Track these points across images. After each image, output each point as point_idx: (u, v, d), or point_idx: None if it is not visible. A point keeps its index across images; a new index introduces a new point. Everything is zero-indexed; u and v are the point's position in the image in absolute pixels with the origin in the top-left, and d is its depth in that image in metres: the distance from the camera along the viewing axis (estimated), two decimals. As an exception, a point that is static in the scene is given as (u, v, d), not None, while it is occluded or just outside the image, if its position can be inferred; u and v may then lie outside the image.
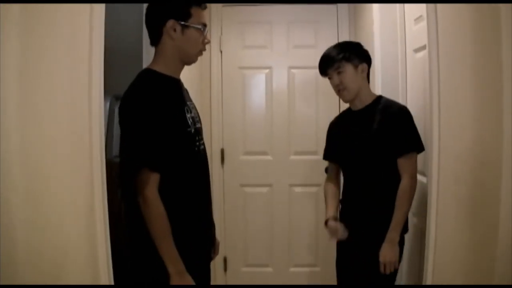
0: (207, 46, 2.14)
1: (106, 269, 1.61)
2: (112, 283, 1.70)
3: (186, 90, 2.24)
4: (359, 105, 2.56)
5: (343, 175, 2.74)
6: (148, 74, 2.05)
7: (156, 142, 1.90)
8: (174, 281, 1.89)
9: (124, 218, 2.09)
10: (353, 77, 2.49)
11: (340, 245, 2.66)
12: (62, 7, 1.37)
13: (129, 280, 2.03)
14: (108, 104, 2.98)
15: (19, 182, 1.17)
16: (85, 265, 1.50)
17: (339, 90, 2.52)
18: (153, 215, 1.88)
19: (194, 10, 2.02)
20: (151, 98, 1.92)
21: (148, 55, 2.68)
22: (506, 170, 1.56)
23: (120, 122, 1.99)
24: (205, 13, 2.12)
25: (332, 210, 2.67)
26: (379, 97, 2.59)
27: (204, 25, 2.06)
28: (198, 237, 2.09)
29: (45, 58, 1.30)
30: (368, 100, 2.56)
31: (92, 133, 1.50)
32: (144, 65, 2.63)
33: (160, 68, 2.04)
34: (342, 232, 2.55)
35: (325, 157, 2.86)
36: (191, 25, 2.01)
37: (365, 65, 2.52)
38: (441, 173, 1.87)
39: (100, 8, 1.57)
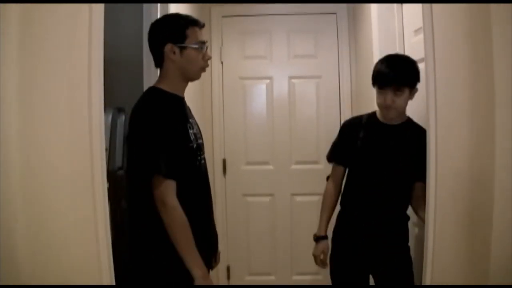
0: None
1: (109, 279, 1.62)
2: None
3: (189, 108, 2.33)
4: (394, 121, 2.50)
5: (354, 183, 2.63)
6: (154, 92, 2.15)
7: (167, 153, 1.99)
8: (199, 283, 1.97)
9: (128, 226, 2.16)
10: (406, 100, 2.42)
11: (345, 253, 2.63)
12: (60, 14, 1.38)
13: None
14: (110, 116, 3.01)
15: (20, 209, 1.17)
16: (89, 282, 1.51)
17: (387, 107, 2.41)
18: (176, 222, 1.96)
19: (189, 31, 2.12)
20: (158, 114, 2.02)
21: (148, 67, 2.71)
22: (499, 187, 1.59)
23: (129, 138, 2.09)
24: (203, 30, 2.20)
25: (326, 227, 2.70)
26: (408, 117, 2.55)
27: (202, 43, 2.15)
28: (197, 246, 2.11)
29: (44, 67, 1.30)
30: (404, 118, 2.51)
31: (92, 149, 1.50)
32: (145, 78, 2.68)
33: (164, 87, 2.14)
34: (325, 260, 2.66)
35: (337, 159, 2.72)
36: (188, 45, 2.10)
37: (417, 89, 2.43)
38: (438, 189, 1.88)
39: (99, 12, 1.57)
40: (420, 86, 2.45)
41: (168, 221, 1.95)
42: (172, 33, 2.11)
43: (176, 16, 2.20)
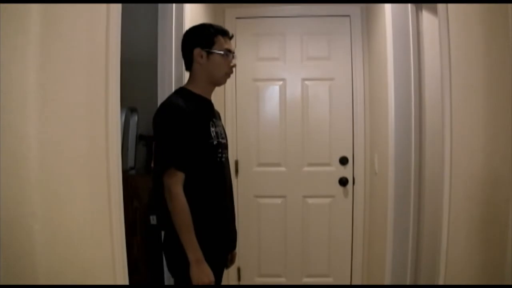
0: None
1: (123, 281, 1.62)
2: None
3: (218, 113, 2.60)
4: None
5: None
6: (180, 91, 2.38)
7: (181, 147, 2.18)
8: (193, 268, 2.12)
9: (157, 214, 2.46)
10: None
11: None
12: (78, 14, 1.38)
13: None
14: (123, 116, 3.01)
15: (38, 207, 1.18)
16: (104, 281, 1.51)
17: None
18: (177, 208, 2.13)
19: (217, 39, 2.36)
20: (180, 111, 2.20)
21: (162, 67, 2.73)
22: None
23: (154, 131, 2.27)
24: (231, 41, 2.44)
25: None
26: None
27: (228, 51, 2.37)
28: (212, 237, 2.27)
29: (63, 66, 1.30)
30: None
31: (109, 150, 1.51)
32: (159, 79, 2.71)
33: (192, 88, 2.38)
34: None
35: None
36: (214, 51, 2.34)
37: None
38: (452, 191, 1.87)
39: (117, 12, 1.58)
40: (436, 86, 2.44)
41: (172, 207, 2.14)
42: (202, 39, 2.36)
43: (208, 25, 2.45)
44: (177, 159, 2.16)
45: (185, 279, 2.16)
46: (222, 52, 2.35)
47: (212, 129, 2.32)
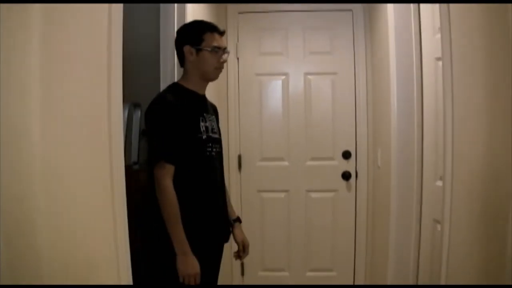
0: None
1: (127, 275, 1.63)
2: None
3: (213, 107, 2.67)
4: None
5: None
6: (172, 86, 2.47)
7: (170, 140, 2.25)
8: (179, 259, 2.19)
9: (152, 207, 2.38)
10: None
11: None
12: (81, 13, 1.39)
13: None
14: (126, 111, 3.02)
15: (42, 202, 1.19)
16: (108, 275, 1.52)
17: None
18: (166, 201, 2.20)
19: (206, 36, 2.41)
20: (168, 106, 2.28)
21: (165, 64, 2.74)
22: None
23: (145, 126, 2.36)
24: (221, 37, 2.46)
25: None
26: None
27: (216, 47, 2.41)
28: (200, 228, 2.33)
29: (66, 65, 1.31)
30: None
31: (112, 145, 1.52)
32: (162, 75, 2.74)
33: (184, 83, 2.45)
34: None
35: None
36: (204, 48, 2.40)
37: None
38: (454, 187, 1.87)
39: (118, 12, 1.58)
40: (437, 84, 2.43)
41: (160, 199, 2.21)
42: (191, 36, 2.42)
43: (197, 22, 2.52)
44: (166, 152, 2.24)
45: (171, 270, 2.21)
46: (210, 49, 2.39)
47: (202, 123, 2.38)
